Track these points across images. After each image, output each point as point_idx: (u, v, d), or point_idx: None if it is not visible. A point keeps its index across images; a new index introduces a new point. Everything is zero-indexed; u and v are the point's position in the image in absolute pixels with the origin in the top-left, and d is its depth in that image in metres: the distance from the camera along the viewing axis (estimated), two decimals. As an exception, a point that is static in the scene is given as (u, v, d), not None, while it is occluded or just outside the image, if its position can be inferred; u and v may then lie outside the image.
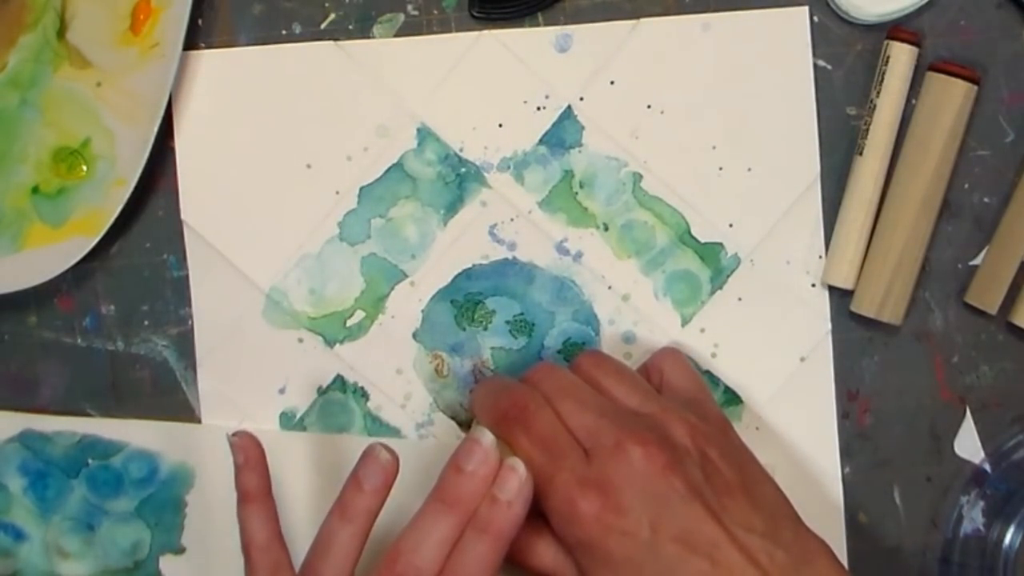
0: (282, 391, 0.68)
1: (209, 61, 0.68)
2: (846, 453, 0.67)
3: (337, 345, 0.68)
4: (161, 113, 0.65)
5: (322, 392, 0.68)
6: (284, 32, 0.68)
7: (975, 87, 0.65)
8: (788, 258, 0.67)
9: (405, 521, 0.60)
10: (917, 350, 0.67)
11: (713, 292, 0.68)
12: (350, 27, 0.68)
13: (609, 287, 0.68)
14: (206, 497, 0.69)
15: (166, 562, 0.69)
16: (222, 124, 0.68)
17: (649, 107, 0.67)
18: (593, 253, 0.68)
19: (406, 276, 0.68)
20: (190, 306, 0.69)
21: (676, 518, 0.55)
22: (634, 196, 0.68)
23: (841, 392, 0.67)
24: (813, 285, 0.67)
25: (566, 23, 0.68)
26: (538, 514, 0.58)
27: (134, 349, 0.69)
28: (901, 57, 0.65)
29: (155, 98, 0.65)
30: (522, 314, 0.68)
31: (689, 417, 0.59)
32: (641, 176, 0.68)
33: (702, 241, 0.67)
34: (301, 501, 0.68)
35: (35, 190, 0.68)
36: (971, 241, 0.67)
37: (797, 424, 0.67)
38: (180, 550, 0.69)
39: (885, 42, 0.66)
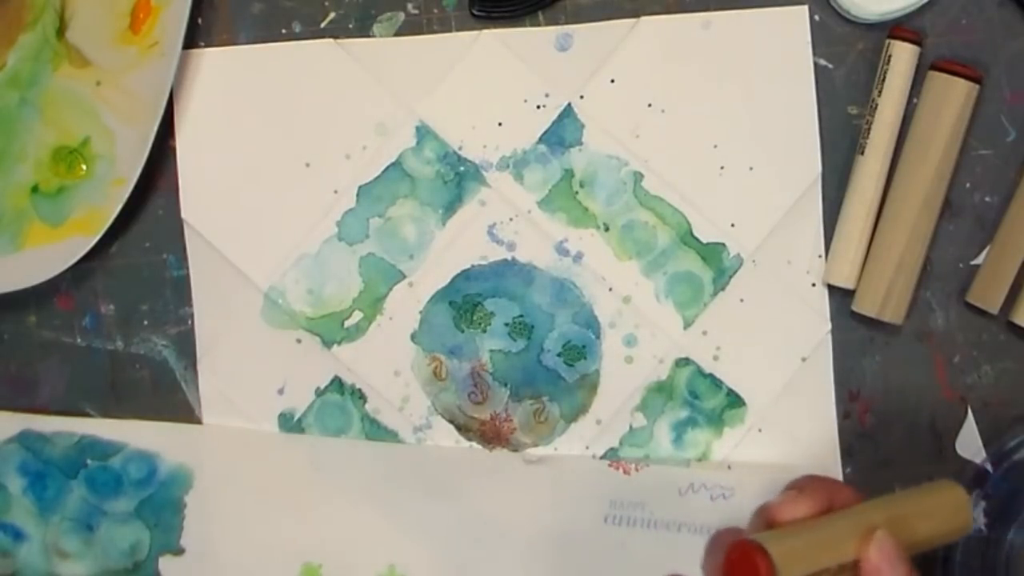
0: (281, 391, 0.68)
1: (209, 60, 0.68)
2: (847, 453, 0.67)
3: (335, 346, 0.68)
4: (161, 112, 0.65)
5: (320, 393, 0.68)
6: (284, 31, 0.68)
7: (976, 86, 0.64)
8: (789, 258, 0.67)
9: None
10: (918, 350, 0.67)
11: (716, 293, 0.67)
12: (350, 26, 0.68)
13: (610, 289, 0.67)
14: (205, 498, 0.68)
15: (165, 563, 0.69)
16: (222, 123, 0.68)
17: (650, 106, 0.67)
18: (593, 254, 0.67)
19: (404, 277, 0.68)
20: (190, 305, 0.68)
21: None
22: (635, 196, 0.67)
23: (842, 392, 0.67)
24: (814, 285, 0.67)
25: (567, 22, 0.68)
26: None
27: (134, 349, 0.69)
28: (903, 56, 0.65)
29: (155, 97, 0.65)
30: (521, 316, 0.68)
31: None
32: (642, 175, 0.67)
33: (704, 241, 0.67)
34: (303, 505, 0.68)
35: (35, 189, 0.68)
36: (972, 240, 0.67)
37: (798, 424, 0.67)
38: (179, 551, 0.69)
39: (886, 41, 0.65)
